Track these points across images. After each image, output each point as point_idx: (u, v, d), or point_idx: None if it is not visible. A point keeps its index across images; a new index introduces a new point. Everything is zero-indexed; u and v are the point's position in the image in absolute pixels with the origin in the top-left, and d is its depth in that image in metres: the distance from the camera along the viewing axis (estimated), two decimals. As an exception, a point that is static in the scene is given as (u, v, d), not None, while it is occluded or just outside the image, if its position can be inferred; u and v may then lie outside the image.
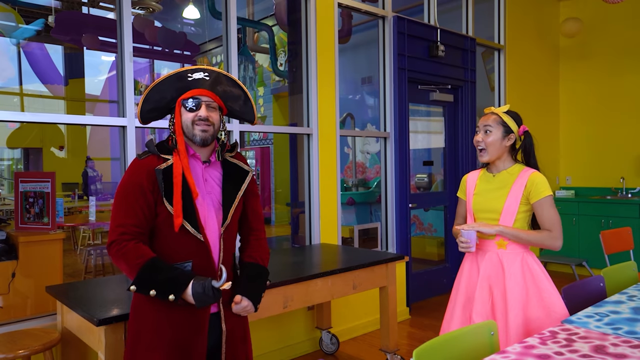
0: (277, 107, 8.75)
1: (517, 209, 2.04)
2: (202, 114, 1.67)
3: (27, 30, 7.17)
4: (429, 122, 5.36)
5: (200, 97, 1.68)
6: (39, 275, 3.33)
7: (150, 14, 6.95)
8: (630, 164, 5.93)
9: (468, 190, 2.23)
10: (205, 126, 1.67)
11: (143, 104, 1.69)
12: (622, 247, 3.91)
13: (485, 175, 2.19)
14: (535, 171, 2.07)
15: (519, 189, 2.04)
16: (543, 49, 6.24)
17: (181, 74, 1.69)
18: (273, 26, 6.70)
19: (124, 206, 1.62)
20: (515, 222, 2.04)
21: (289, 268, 2.87)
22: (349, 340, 3.84)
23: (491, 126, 2.08)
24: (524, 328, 1.96)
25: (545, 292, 2.00)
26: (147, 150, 1.70)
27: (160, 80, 1.69)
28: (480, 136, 2.10)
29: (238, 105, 1.79)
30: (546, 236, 2.01)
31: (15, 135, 9.09)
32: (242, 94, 1.79)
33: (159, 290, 1.58)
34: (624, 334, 1.60)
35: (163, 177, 1.64)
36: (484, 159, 2.11)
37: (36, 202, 3.44)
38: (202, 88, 1.68)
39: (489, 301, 2.05)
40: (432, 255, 5.55)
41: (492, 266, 2.07)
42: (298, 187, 4.05)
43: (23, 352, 2.11)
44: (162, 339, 1.66)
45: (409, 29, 4.47)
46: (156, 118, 1.76)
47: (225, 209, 1.74)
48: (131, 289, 1.59)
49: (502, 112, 2.11)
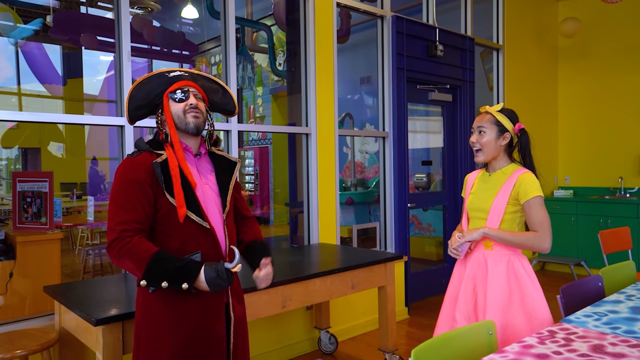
0: (276, 107, 8.75)
1: (504, 209, 2.01)
2: (193, 101, 1.72)
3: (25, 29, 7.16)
4: (427, 122, 5.36)
5: (187, 87, 1.74)
6: (37, 275, 3.33)
7: (149, 14, 6.94)
8: (629, 164, 5.94)
9: (467, 189, 2.23)
10: (196, 113, 1.72)
11: (129, 103, 1.73)
12: (621, 247, 3.91)
13: (483, 175, 2.19)
14: (527, 171, 2.03)
15: (507, 188, 2.02)
16: (542, 49, 6.24)
17: (160, 74, 1.76)
18: (272, 26, 6.69)
19: (122, 204, 1.61)
20: (502, 223, 2.01)
21: (287, 268, 2.87)
22: (348, 340, 3.84)
23: (484, 127, 2.07)
24: (500, 332, 1.91)
25: (528, 297, 1.96)
26: (138, 149, 1.72)
27: (142, 80, 1.74)
28: (474, 137, 2.09)
29: (218, 97, 1.87)
30: (532, 238, 1.96)
31: (11, 135, 9.08)
32: (219, 87, 1.88)
33: (170, 281, 1.56)
34: (622, 334, 1.60)
35: (161, 170, 1.65)
36: (480, 159, 2.10)
37: (34, 202, 3.44)
38: (186, 80, 1.75)
39: (472, 301, 2.05)
40: (430, 255, 5.55)
41: (477, 266, 2.06)
42: (297, 187, 4.05)
43: (21, 352, 2.10)
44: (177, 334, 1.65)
45: (408, 29, 4.47)
46: (143, 116, 1.79)
47: (223, 197, 1.79)
48: (141, 284, 1.57)
49: (495, 112, 2.09)
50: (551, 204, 5.97)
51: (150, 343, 1.67)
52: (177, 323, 1.65)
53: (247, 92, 9.17)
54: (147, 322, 1.68)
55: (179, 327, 1.65)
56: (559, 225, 5.92)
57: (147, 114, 1.79)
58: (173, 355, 1.64)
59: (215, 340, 1.70)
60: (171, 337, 1.65)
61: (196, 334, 1.67)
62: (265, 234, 8.57)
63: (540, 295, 1.99)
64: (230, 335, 1.77)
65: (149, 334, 1.67)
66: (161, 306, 1.65)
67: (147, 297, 1.68)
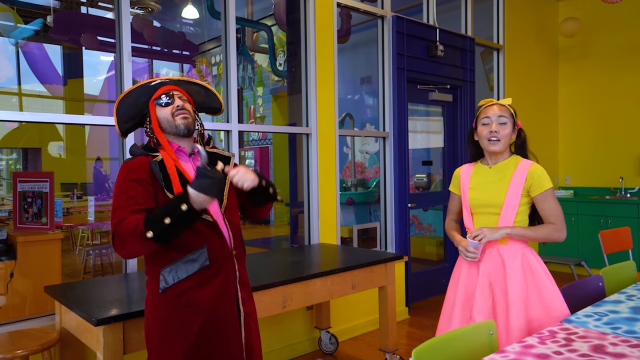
0: (276, 107, 8.76)
1: (518, 202, 2.01)
2: (179, 103, 1.75)
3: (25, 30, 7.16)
4: (428, 122, 5.36)
5: (171, 91, 1.76)
6: (38, 275, 3.33)
7: (149, 14, 6.95)
8: (629, 164, 5.94)
9: (462, 184, 2.19)
10: (184, 114, 1.74)
11: (117, 116, 1.76)
12: (621, 247, 3.91)
13: (480, 168, 2.15)
14: (534, 162, 2.05)
15: (519, 181, 2.01)
16: (542, 49, 6.24)
17: (142, 85, 1.78)
18: (272, 26, 6.70)
19: (123, 203, 1.61)
20: (517, 216, 2.01)
21: (288, 268, 2.87)
22: (348, 340, 3.84)
23: (506, 117, 2.05)
24: (526, 327, 1.94)
25: (545, 289, 1.98)
26: (133, 155, 1.73)
27: (125, 93, 1.77)
28: (495, 126, 2.04)
29: (201, 96, 1.88)
30: (552, 230, 2.00)
31: (13, 135, 9.08)
32: (200, 88, 1.89)
33: (169, 214, 1.52)
34: (622, 334, 1.60)
35: (159, 168, 1.67)
36: (496, 148, 2.06)
37: (34, 202, 3.44)
38: (169, 85, 1.78)
39: (490, 298, 2.02)
40: (431, 255, 5.55)
41: (492, 262, 2.03)
42: (297, 187, 4.05)
43: (21, 353, 2.10)
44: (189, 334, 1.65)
45: (408, 29, 4.47)
46: (133, 128, 1.82)
47: None
48: (147, 235, 1.51)
49: (509, 106, 2.10)
50: (552, 204, 5.97)
51: (162, 346, 1.67)
52: (187, 322, 1.65)
53: (247, 92, 9.18)
54: (158, 324, 1.68)
55: (190, 327, 1.65)
56: (560, 225, 5.91)
57: (137, 125, 1.81)
58: (186, 356, 1.64)
59: (228, 331, 1.70)
60: (183, 338, 1.65)
61: (208, 332, 1.67)
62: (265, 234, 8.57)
63: (555, 286, 2.01)
64: (242, 329, 1.76)
65: (161, 337, 1.67)
66: (170, 307, 1.65)
67: (156, 299, 1.68)
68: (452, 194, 2.28)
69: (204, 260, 1.66)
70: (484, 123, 2.08)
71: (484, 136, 2.08)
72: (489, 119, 2.07)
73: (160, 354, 1.67)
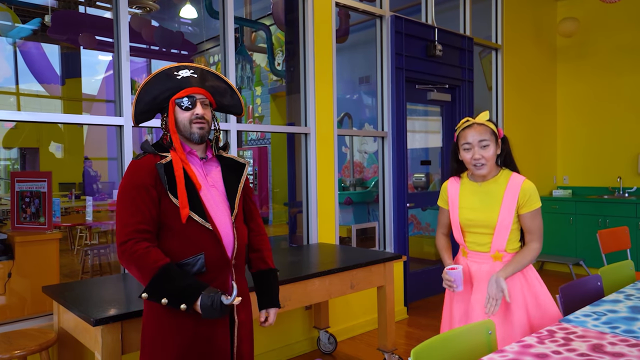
0: (275, 107, 8.74)
1: (511, 221, 2.00)
2: (199, 111, 1.70)
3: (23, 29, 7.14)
4: (426, 122, 5.36)
5: (194, 95, 1.70)
6: (36, 275, 3.32)
7: (147, 13, 6.93)
8: (628, 164, 5.94)
9: (451, 200, 2.13)
10: (201, 124, 1.70)
11: (136, 106, 1.71)
12: (619, 247, 3.91)
13: (469, 185, 2.10)
14: (525, 179, 2.02)
15: (511, 200, 1.98)
16: (540, 49, 6.25)
17: (168, 72, 1.71)
18: (270, 26, 6.69)
19: (128, 207, 1.61)
20: (510, 234, 2.01)
21: (286, 267, 2.87)
22: (347, 339, 3.84)
23: (487, 140, 1.98)
24: (529, 329, 1.97)
25: (541, 295, 2.03)
26: (144, 151, 1.72)
27: (148, 80, 1.70)
28: (478, 152, 1.97)
29: (226, 99, 1.83)
30: (534, 251, 2.02)
31: (10, 135, 9.06)
32: (227, 87, 1.83)
33: (170, 300, 1.57)
34: (621, 333, 1.60)
35: (165, 171, 1.64)
36: (483, 171, 2.00)
37: (32, 202, 3.43)
38: (193, 86, 1.71)
39: None
40: (429, 254, 5.55)
41: (487, 274, 2.03)
42: (296, 187, 4.05)
43: (19, 353, 2.10)
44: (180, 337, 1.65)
45: (407, 29, 4.47)
46: (148, 118, 1.77)
47: (231, 199, 1.77)
48: (143, 296, 1.58)
49: (487, 122, 2.01)
50: (550, 204, 5.98)
51: (153, 345, 1.67)
52: (179, 326, 1.65)
53: (246, 92, 9.16)
54: (151, 324, 1.68)
55: (181, 330, 1.65)
56: (558, 225, 5.93)
57: (152, 116, 1.77)
58: (177, 357, 1.65)
59: (218, 342, 1.70)
60: (173, 339, 1.65)
61: (199, 335, 1.67)
62: (264, 233, 8.53)
63: (549, 295, 2.05)
64: (234, 338, 1.76)
65: (153, 336, 1.68)
66: (164, 309, 1.65)
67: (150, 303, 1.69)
68: (441, 208, 2.23)
69: (200, 267, 1.65)
70: (465, 148, 2.02)
71: (468, 161, 2.02)
72: (469, 145, 2.00)
73: (151, 354, 1.67)
